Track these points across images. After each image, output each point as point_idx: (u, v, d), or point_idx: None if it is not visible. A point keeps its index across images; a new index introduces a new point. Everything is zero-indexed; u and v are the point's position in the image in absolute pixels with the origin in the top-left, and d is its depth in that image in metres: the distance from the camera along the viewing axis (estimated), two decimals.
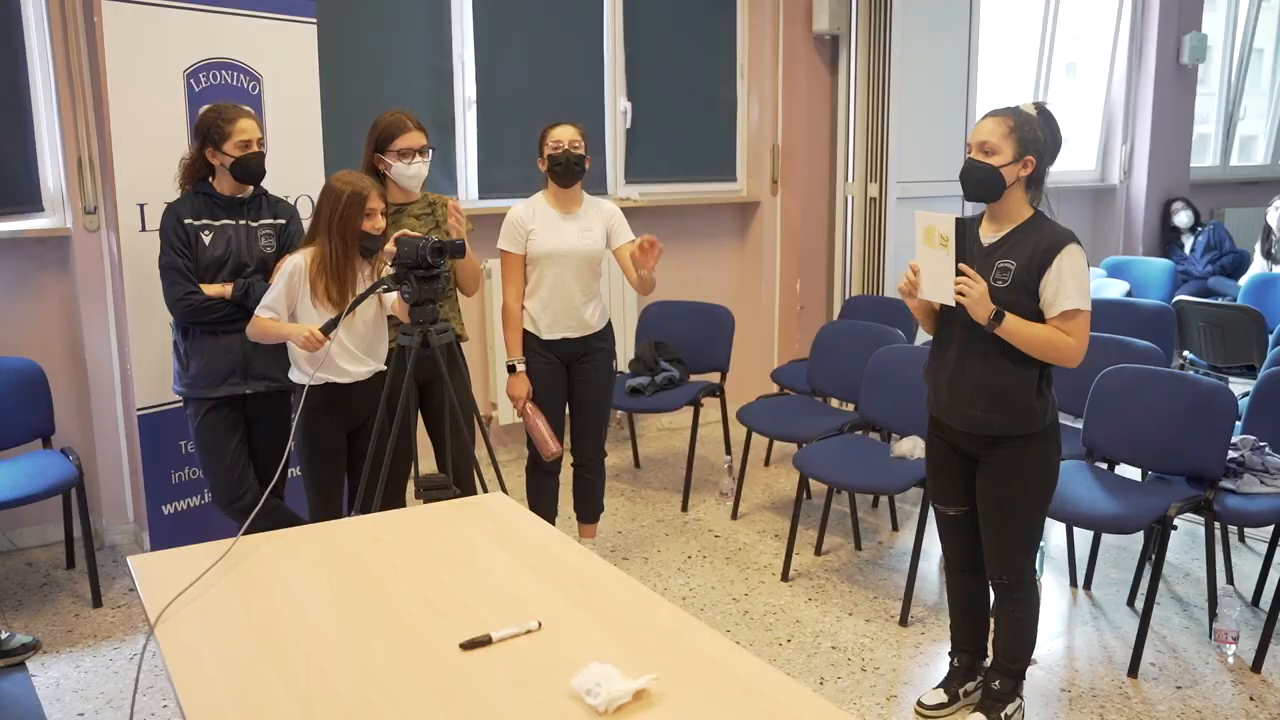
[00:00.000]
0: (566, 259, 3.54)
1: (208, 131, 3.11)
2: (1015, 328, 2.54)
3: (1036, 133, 2.56)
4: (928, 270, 2.65)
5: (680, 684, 1.64)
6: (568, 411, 3.75)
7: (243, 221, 3.23)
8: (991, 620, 2.92)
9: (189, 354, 3.20)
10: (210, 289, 3.15)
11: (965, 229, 2.55)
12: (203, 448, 3.26)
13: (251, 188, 3.24)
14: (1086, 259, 2.59)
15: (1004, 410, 2.62)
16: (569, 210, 3.57)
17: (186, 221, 3.13)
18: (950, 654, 3.04)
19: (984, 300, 2.53)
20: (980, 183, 2.58)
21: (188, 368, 3.20)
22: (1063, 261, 2.54)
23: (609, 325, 3.73)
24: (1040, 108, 2.61)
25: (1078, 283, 2.54)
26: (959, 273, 2.55)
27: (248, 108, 3.24)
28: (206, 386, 3.19)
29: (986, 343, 2.60)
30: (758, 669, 1.69)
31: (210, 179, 3.19)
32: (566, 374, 3.67)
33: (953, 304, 2.59)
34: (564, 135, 3.52)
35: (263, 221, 3.26)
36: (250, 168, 3.15)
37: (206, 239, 3.16)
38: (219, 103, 3.22)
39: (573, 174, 3.52)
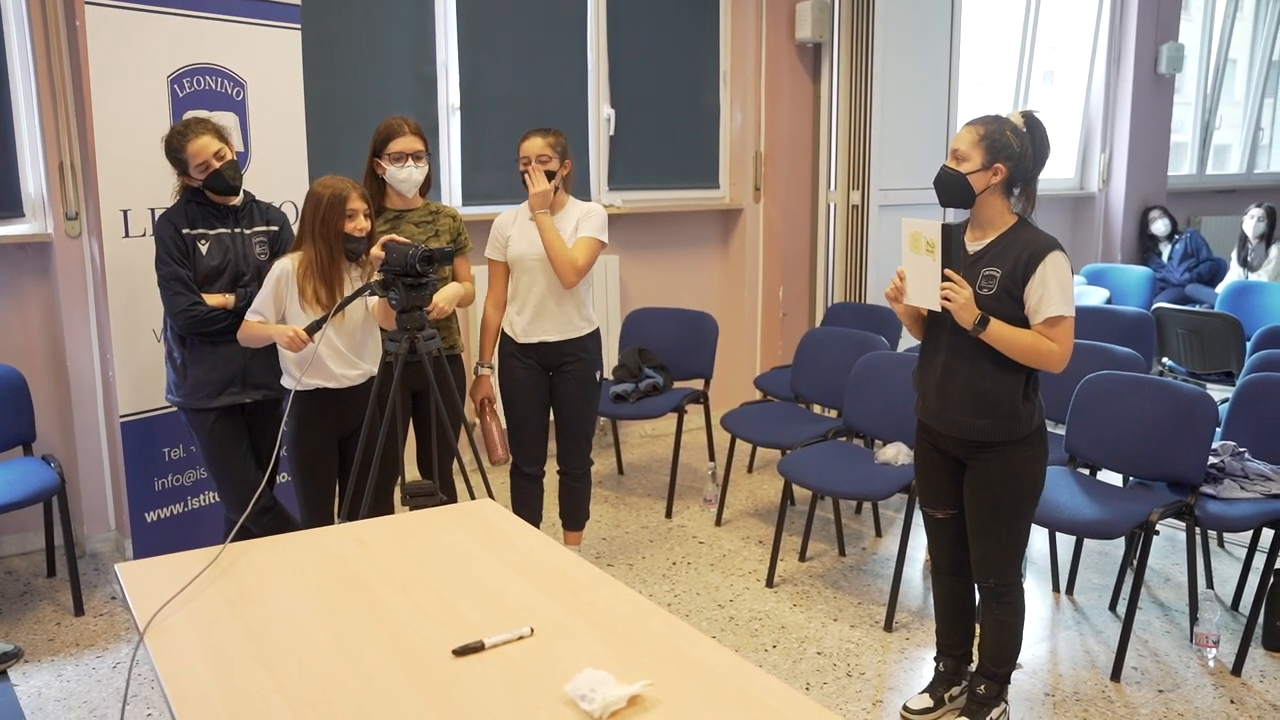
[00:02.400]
0: (537, 262, 3.54)
1: (172, 160, 3.12)
2: (1000, 333, 2.57)
3: (1008, 141, 2.58)
4: (914, 276, 2.67)
5: (674, 690, 1.64)
6: (552, 419, 3.75)
7: (237, 229, 3.22)
8: (977, 624, 2.95)
9: (187, 364, 3.17)
10: (212, 299, 3.13)
11: (952, 235, 2.58)
12: (214, 459, 3.24)
13: (242, 194, 3.24)
14: (1070, 265, 2.63)
15: (991, 415, 2.64)
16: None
17: (184, 231, 3.12)
18: (935, 658, 3.06)
19: (969, 305, 2.56)
20: (948, 189, 2.65)
21: (185, 378, 3.18)
22: (1046, 269, 2.56)
23: (594, 334, 3.71)
24: (1028, 116, 2.63)
25: (1061, 289, 2.57)
26: (945, 278, 2.58)
27: (204, 118, 3.18)
28: (207, 397, 3.18)
29: (973, 348, 2.62)
30: (751, 674, 1.70)
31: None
32: (548, 381, 3.67)
33: (939, 309, 2.61)
34: (530, 150, 3.51)
35: (256, 228, 3.26)
36: (219, 184, 3.12)
37: (203, 248, 3.14)
38: (175, 124, 3.18)
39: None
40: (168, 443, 3.62)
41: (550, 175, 3.50)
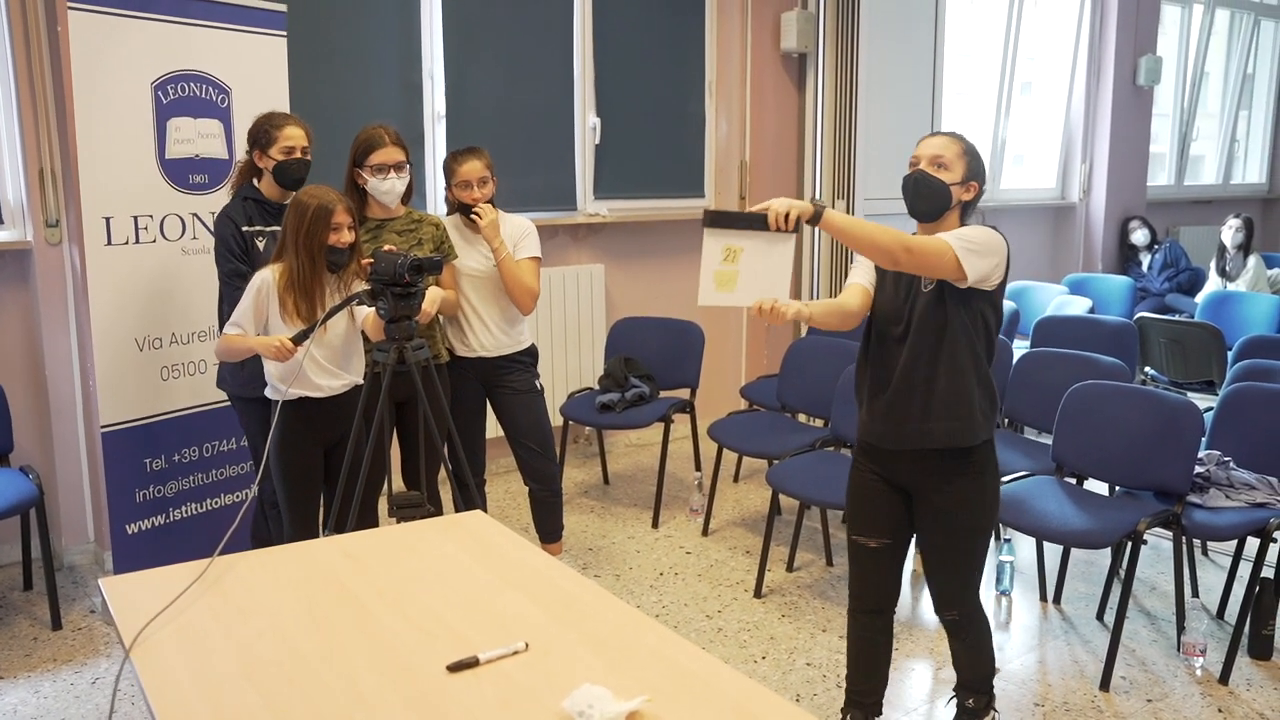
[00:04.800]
0: (470, 281, 3.56)
1: (256, 135, 3.22)
2: (839, 220, 2.28)
3: (980, 162, 2.54)
4: (752, 280, 2.29)
5: (672, 705, 1.62)
6: (504, 435, 3.78)
7: None
8: (950, 651, 2.81)
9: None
10: None
11: (721, 213, 2.25)
12: (260, 441, 3.26)
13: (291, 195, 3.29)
14: (1001, 243, 2.44)
15: (948, 417, 2.48)
16: (474, 232, 3.56)
17: (244, 229, 3.19)
18: (843, 710, 2.82)
19: (795, 201, 2.24)
20: (929, 196, 2.48)
21: (243, 368, 3.21)
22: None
23: (529, 349, 3.72)
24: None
25: (962, 233, 2.39)
26: (754, 220, 2.23)
27: (298, 117, 3.30)
28: (262, 386, 3.18)
29: (920, 357, 2.48)
30: (749, 689, 1.68)
31: (256, 183, 3.27)
32: (486, 395, 3.72)
33: (788, 277, 2.30)
34: (471, 174, 3.49)
35: None
36: (291, 174, 3.22)
37: (260, 245, 3.22)
38: (272, 111, 3.29)
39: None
40: (150, 453, 3.57)
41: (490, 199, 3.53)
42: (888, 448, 2.60)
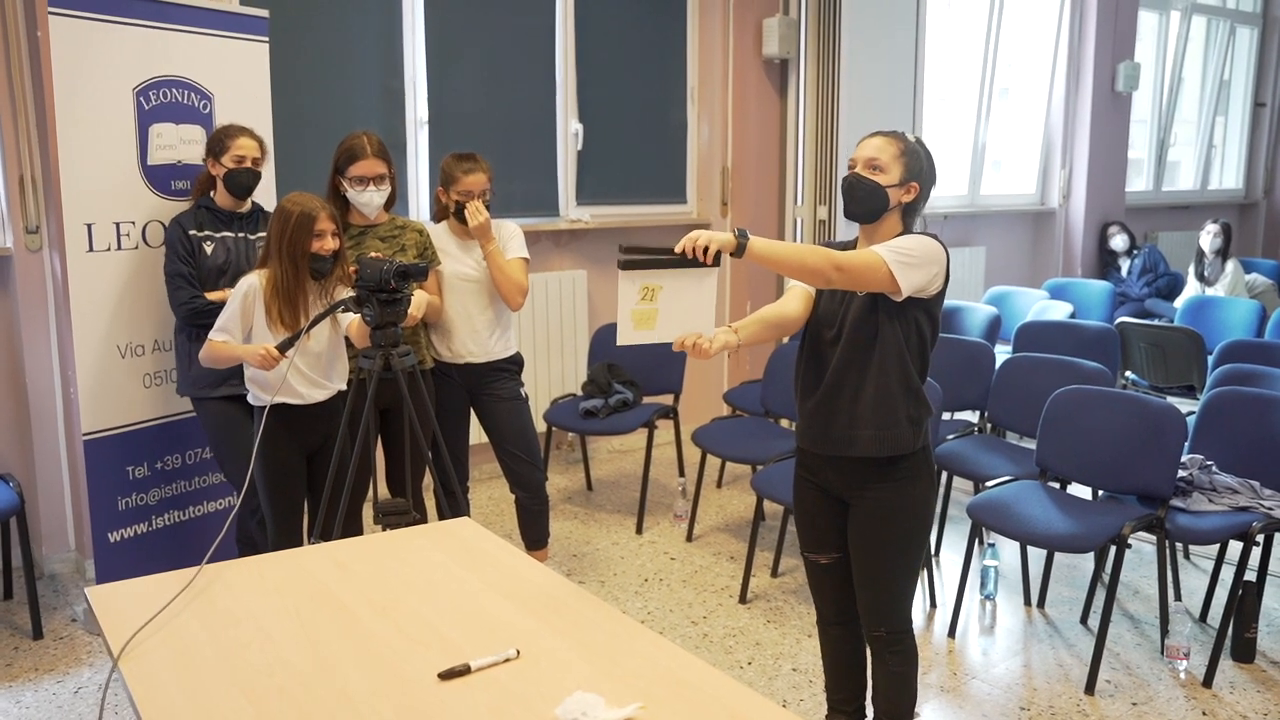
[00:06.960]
0: (463, 286, 3.56)
1: (211, 144, 3.35)
2: (764, 247, 2.22)
3: (921, 162, 2.48)
4: (670, 316, 2.21)
5: (666, 712, 1.62)
6: (489, 442, 3.76)
7: (241, 234, 3.37)
8: (869, 679, 2.71)
9: (192, 356, 3.27)
10: (212, 295, 3.26)
11: (637, 248, 2.20)
12: (219, 441, 3.38)
13: (249, 203, 3.41)
14: (939, 252, 2.38)
15: (873, 426, 2.44)
16: (468, 238, 3.57)
17: (190, 233, 3.28)
18: (827, 718, 2.83)
19: (715, 234, 2.18)
20: (864, 199, 2.43)
21: (190, 368, 3.27)
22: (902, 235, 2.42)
23: (514, 357, 3.71)
24: (919, 140, 2.53)
25: (896, 245, 2.35)
26: (677, 255, 2.16)
27: (254, 130, 3.38)
28: (208, 386, 3.30)
29: (851, 364, 2.45)
30: (742, 696, 1.68)
31: (213, 193, 3.36)
32: (471, 401, 3.70)
33: (711, 312, 2.25)
34: (476, 185, 3.49)
35: (259, 234, 3.38)
36: (239, 181, 3.31)
37: (208, 249, 3.31)
38: (230, 123, 3.38)
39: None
40: (132, 461, 3.54)
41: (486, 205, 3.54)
42: (816, 451, 2.57)
